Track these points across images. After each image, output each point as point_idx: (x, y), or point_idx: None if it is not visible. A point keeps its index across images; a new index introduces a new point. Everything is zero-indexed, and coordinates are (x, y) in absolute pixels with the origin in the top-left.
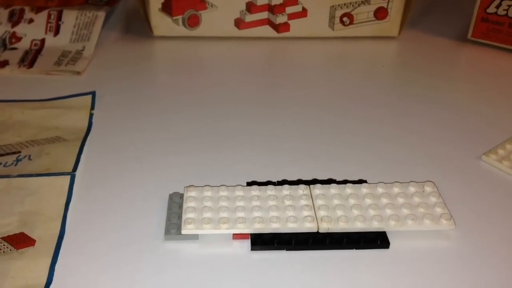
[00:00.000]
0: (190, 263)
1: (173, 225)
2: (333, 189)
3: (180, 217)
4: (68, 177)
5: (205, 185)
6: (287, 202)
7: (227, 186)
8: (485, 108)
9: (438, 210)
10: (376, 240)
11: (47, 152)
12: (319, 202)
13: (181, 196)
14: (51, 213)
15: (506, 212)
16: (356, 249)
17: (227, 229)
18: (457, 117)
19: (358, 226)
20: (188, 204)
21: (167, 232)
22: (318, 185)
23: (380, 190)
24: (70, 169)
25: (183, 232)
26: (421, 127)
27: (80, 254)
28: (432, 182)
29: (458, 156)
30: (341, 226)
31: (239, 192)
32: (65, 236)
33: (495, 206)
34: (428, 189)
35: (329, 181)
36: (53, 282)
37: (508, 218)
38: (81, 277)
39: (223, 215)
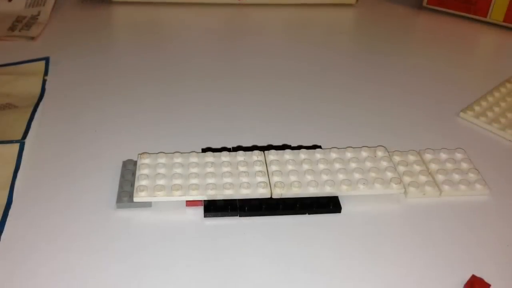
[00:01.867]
0: (142, 231)
1: (125, 193)
2: (287, 154)
3: (133, 184)
4: (17, 145)
5: (159, 152)
6: (241, 169)
7: (181, 153)
8: (449, 70)
9: (389, 174)
10: (328, 204)
11: None
12: (273, 168)
13: (135, 163)
14: None
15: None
16: (308, 214)
17: (180, 196)
18: (423, 80)
19: (311, 191)
20: (141, 171)
21: (119, 200)
22: (273, 151)
23: (333, 155)
24: (19, 137)
25: (135, 199)
26: (386, 91)
27: (29, 224)
28: (384, 146)
29: (434, 116)
30: (294, 192)
31: (193, 159)
32: (12, 206)
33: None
34: (380, 153)
35: (284, 147)
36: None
37: (484, 170)
38: (29, 246)
39: (177, 182)
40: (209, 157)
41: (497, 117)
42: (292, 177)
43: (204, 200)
